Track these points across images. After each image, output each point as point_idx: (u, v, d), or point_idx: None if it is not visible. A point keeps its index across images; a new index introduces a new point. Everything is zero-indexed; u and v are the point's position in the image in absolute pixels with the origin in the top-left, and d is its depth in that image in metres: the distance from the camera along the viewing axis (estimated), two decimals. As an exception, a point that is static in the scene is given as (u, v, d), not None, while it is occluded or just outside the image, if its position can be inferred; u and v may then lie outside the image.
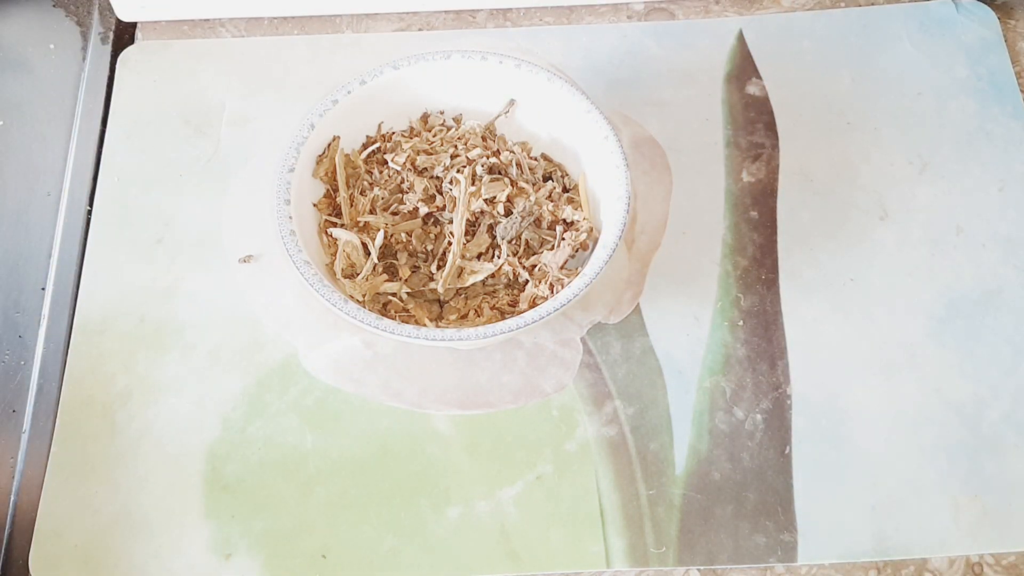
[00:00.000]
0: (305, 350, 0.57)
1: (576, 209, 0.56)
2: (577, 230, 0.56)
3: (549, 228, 0.56)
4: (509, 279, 0.55)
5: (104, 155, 0.64)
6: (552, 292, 0.54)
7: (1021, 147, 0.63)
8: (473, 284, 0.54)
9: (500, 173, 0.57)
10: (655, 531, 0.53)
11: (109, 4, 0.69)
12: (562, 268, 0.54)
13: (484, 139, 0.59)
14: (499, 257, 0.55)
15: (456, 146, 0.58)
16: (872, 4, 0.69)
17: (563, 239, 0.55)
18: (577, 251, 0.55)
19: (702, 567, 0.52)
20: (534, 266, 0.55)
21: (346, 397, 0.56)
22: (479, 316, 0.54)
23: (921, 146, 0.63)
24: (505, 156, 0.58)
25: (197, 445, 0.54)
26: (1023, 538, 0.52)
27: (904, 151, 0.63)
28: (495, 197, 0.55)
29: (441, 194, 0.56)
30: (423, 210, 0.55)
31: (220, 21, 0.70)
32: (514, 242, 0.55)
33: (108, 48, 0.69)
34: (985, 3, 0.68)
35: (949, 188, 0.62)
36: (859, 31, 0.68)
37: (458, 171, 0.56)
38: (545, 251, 0.55)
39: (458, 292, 0.55)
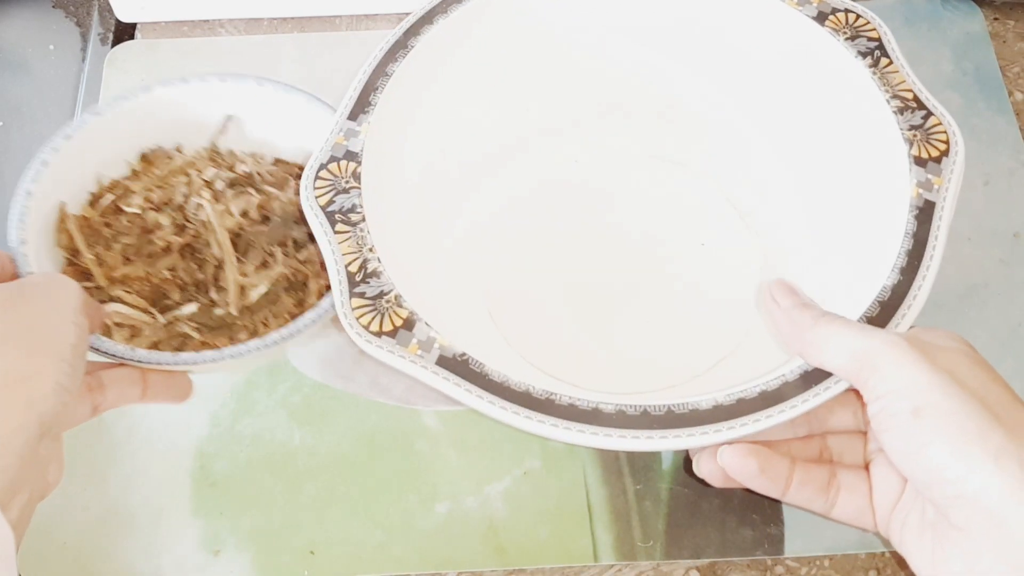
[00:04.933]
0: (293, 347, 0.55)
1: None
2: None
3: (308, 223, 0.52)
4: (290, 282, 0.51)
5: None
6: None
7: (1006, 141, 0.61)
8: (259, 299, 0.50)
9: (242, 186, 0.53)
10: (642, 525, 0.51)
11: (109, 5, 0.67)
12: None
13: (213, 159, 0.55)
14: (275, 264, 0.51)
15: (188, 173, 0.53)
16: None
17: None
18: None
19: (696, 561, 0.50)
20: (306, 260, 0.51)
21: (334, 394, 0.54)
22: (268, 327, 0.49)
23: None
24: (240, 168, 0.54)
25: (186, 442, 0.52)
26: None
27: (890, 146, 0.61)
28: (246, 210, 0.51)
29: (190, 222, 0.51)
30: (178, 242, 0.50)
31: (219, 22, 0.68)
32: (286, 245, 0.52)
33: (108, 49, 0.67)
34: (970, -1, 0.66)
35: (935, 182, 0.60)
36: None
37: (199, 195, 0.52)
38: (310, 246, 0.52)
39: (243, 311, 0.50)
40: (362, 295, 0.42)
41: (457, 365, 0.41)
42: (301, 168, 0.54)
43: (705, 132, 0.58)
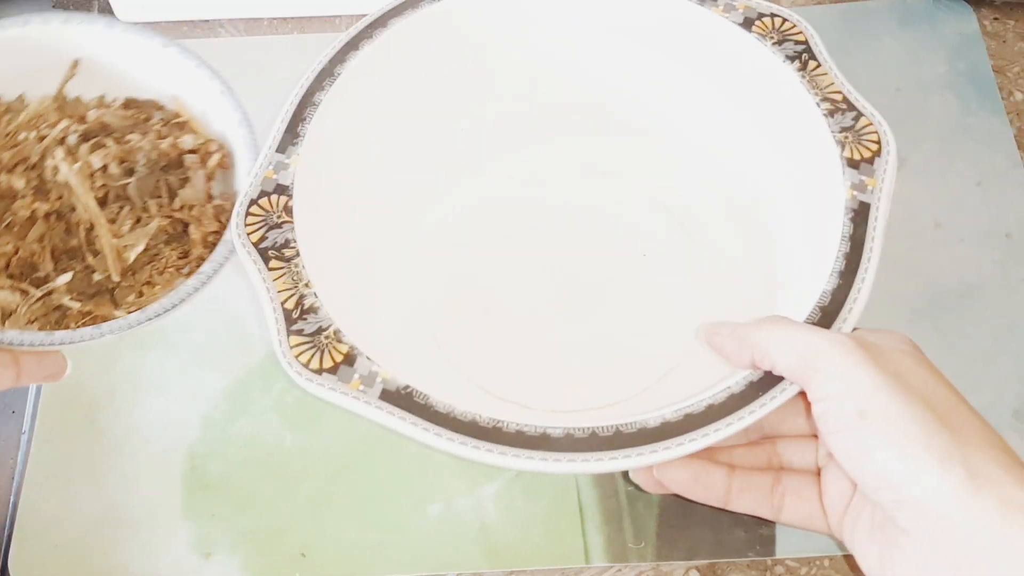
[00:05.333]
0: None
1: (195, 135, 0.51)
2: (208, 152, 0.50)
3: (179, 167, 0.50)
4: (169, 233, 0.48)
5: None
6: (223, 223, 0.48)
7: (1000, 142, 0.60)
8: (138, 257, 0.47)
9: (97, 136, 0.49)
10: (634, 527, 0.50)
11: (109, 5, 0.66)
12: (222, 197, 0.50)
13: (60, 109, 0.50)
14: (151, 220, 0.47)
15: (38, 128, 0.49)
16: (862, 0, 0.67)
17: (188, 168, 0.49)
18: (215, 173, 0.50)
19: (696, 562, 0.49)
20: (183, 206, 0.48)
21: (327, 395, 0.53)
22: (154, 286, 0.47)
23: (900, 142, 0.59)
24: (92, 115, 0.50)
25: (179, 444, 0.52)
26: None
27: (884, 146, 0.60)
28: (106, 164, 0.47)
29: (46, 183, 0.47)
30: (43, 208, 0.46)
31: (220, 22, 0.68)
32: (160, 196, 0.49)
33: (107, 50, 0.67)
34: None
35: (928, 183, 0.59)
36: (839, 27, 0.65)
37: (52, 155, 0.47)
38: (182, 191, 0.49)
39: (123, 272, 0.47)
40: (300, 332, 0.41)
41: (401, 398, 0.40)
42: (158, 107, 0.52)
43: (645, 143, 0.57)
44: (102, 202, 0.47)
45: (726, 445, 0.43)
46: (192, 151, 0.50)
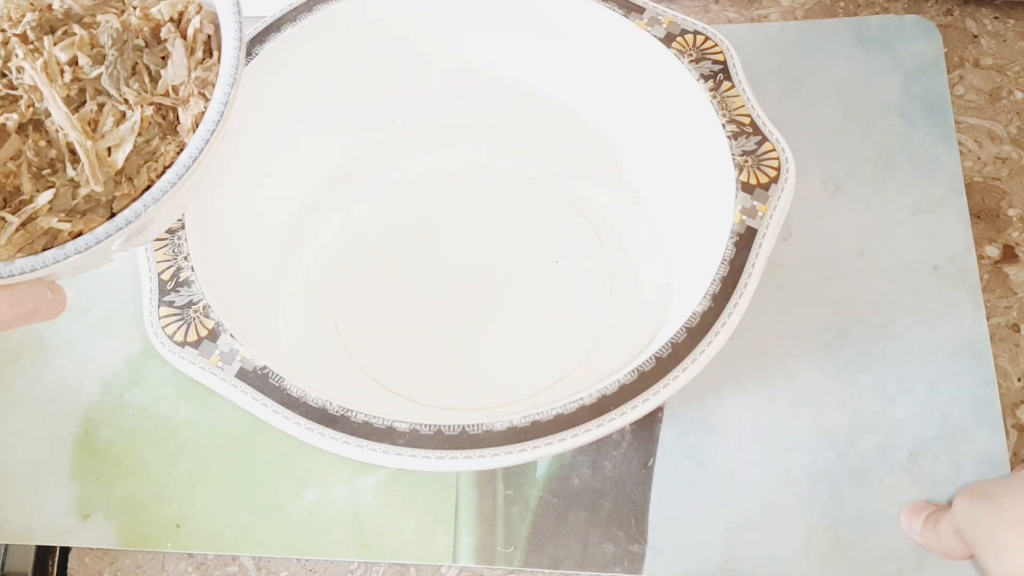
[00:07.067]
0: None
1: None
2: (187, 19, 0.42)
3: (160, 41, 0.42)
4: (161, 126, 0.41)
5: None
6: (207, 99, 0.41)
7: (943, 171, 0.58)
8: (130, 159, 0.40)
9: (64, 23, 0.41)
10: (506, 530, 0.50)
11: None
12: (203, 68, 0.42)
13: (32, 4, 0.42)
14: (132, 111, 0.40)
15: (4, 29, 0.41)
16: (831, 18, 0.65)
17: (164, 40, 0.42)
18: (201, 42, 0.42)
19: (560, 572, 0.49)
20: (170, 91, 0.41)
21: (222, 372, 0.54)
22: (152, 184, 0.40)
23: (838, 167, 0.58)
24: (58, 2, 0.41)
25: (75, 407, 0.53)
26: (871, 573, 0.48)
27: (819, 171, 0.58)
28: (75, 57, 0.40)
29: (16, 90, 0.40)
30: (14, 120, 0.39)
31: None
32: (141, 82, 0.41)
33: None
34: (932, 21, 0.63)
35: (861, 211, 0.57)
36: (797, 45, 0.63)
37: (15, 55, 0.40)
38: (163, 71, 0.41)
39: (117, 179, 0.39)
40: (171, 304, 0.42)
41: (256, 379, 0.40)
42: None
43: (561, 147, 0.57)
44: (79, 101, 0.40)
45: None
46: (169, 20, 0.42)
